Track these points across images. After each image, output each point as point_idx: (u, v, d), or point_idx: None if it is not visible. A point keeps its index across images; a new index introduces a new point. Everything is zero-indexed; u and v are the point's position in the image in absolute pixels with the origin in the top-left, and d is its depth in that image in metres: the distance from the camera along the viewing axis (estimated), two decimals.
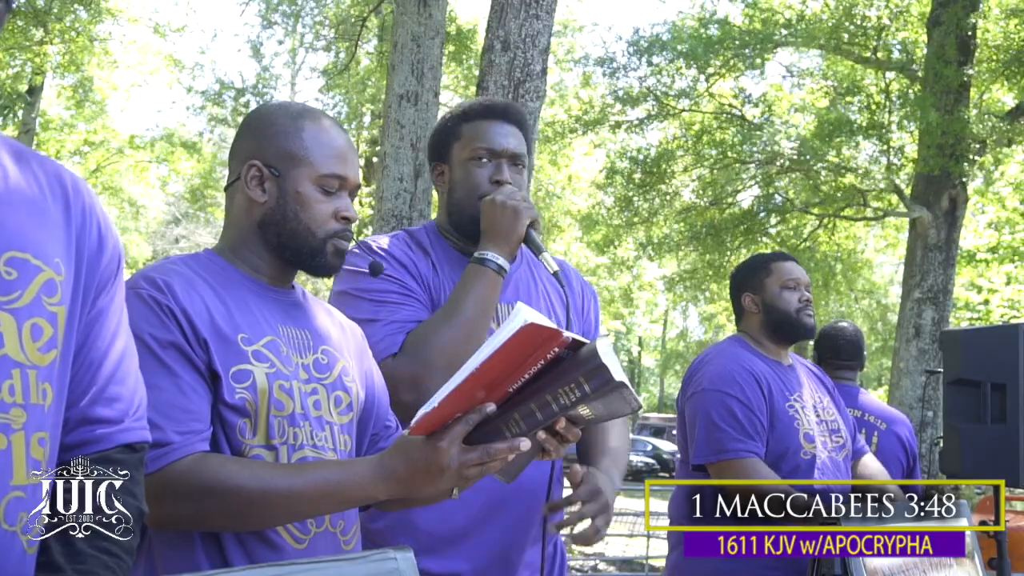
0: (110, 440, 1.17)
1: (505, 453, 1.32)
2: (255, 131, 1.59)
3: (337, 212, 1.55)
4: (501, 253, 1.86)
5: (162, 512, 1.36)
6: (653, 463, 23.29)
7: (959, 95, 11.17)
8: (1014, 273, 17.71)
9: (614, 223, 15.72)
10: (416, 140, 7.46)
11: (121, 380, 1.20)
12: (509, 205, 1.86)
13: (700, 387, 2.72)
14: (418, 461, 1.34)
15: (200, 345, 1.43)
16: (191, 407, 1.40)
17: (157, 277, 1.45)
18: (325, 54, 19.12)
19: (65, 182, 1.18)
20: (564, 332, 1.25)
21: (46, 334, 1.08)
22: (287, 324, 1.55)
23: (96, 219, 1.19)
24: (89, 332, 1.17)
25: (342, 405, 1.58)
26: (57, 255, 1.12)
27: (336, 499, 1.42)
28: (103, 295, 1.19)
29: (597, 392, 1.27)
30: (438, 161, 2.02)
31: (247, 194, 1.55)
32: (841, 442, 2.82)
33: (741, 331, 2.92)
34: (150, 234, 26.56)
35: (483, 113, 2.01)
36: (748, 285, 2.90)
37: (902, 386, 11.08)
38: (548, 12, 5.93)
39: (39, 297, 1.08)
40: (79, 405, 1.15)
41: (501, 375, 1.27)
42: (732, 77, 14.52)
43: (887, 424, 3.73)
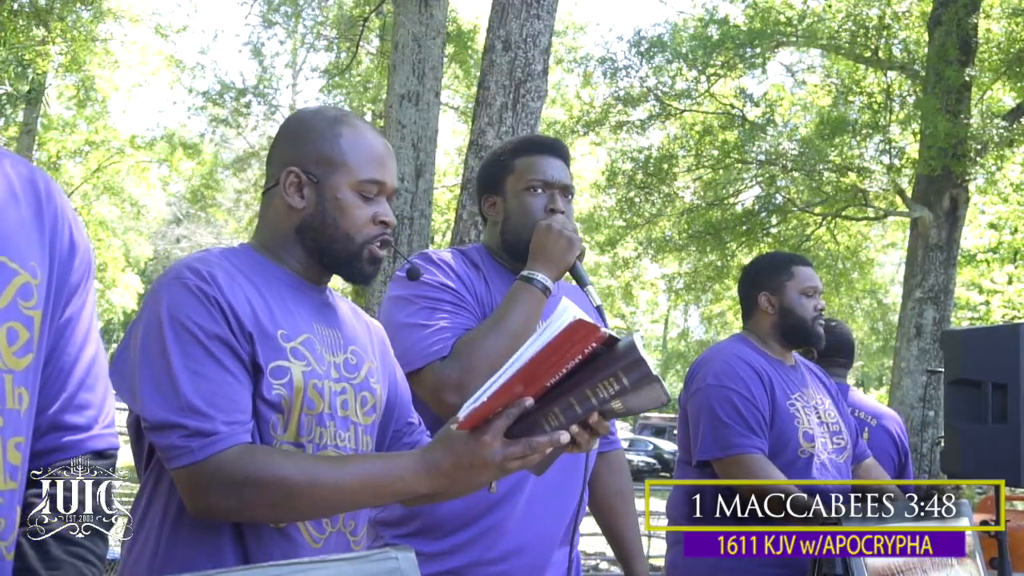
0: (79, 447, 1.17)
1: (546, 446, 1.34)
2: (292, 137, 1.59)
3: (376, 216, 1.56)
4: (548, 275, 1.95)
5: (207, 502, 1.37)
6: (654, 463, 23.29)
7: (960, 95, 11.17)
8: (1015, 273, 17.71)
9: (616, 224, 15.72)
10: (417, 140, 7.47)
11: (91, 387, 1.19)
12: (565, 235, 1.97)
13: (704, 383, 2.72)
14: (463, 455, 1.35)
15: (245, 338, 1.43)
16: (236, 397, 1.40)
17: (202, 268, 1.45)
18: (326, 54, 19.16)
19: (38, 185, 1.16)
20: (602, 328, 1.29)
21: (22, 338, 1.07)
22: (320, 322, 1.56)
23: (68, 223, 1.18)
24: (59, 338, 1.16)
25: (367, 406, 1.59)
26: (33, 258, 1.11)
27: (380, 492, 1.42)
28: (73, 300, 1.18)
29: (635, 385, 1.31)
30: (490, 193, 2.15)
31: (285, 200, 1.56)
32: (842, 444, 2.82)
33: (747, 329, 2.91)
34: (151, 234, 26.58)
35: (534, 148, 2.14)
36: (767, 284, 2.86)
37: (903, 386, 11.08)
38: (549, 12, 5.93)
39: (15, 301, 1.07)
40: (48, 412, 1.15)
41: (543, 369, 1.30)
42: (733, 77, 14.52)
43: (877, 420, 3.74)
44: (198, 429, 1.36)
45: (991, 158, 11.90)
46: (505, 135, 5.72)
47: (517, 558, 1.97)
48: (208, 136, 20.47)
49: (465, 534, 1.94)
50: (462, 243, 5.61)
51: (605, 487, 2.33)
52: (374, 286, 7.48)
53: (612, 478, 2.34)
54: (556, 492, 1.99)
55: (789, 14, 13.82)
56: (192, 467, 1.35)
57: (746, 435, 2.60)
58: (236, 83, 19.73)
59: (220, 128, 19.79)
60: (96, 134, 19.18)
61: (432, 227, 10.72)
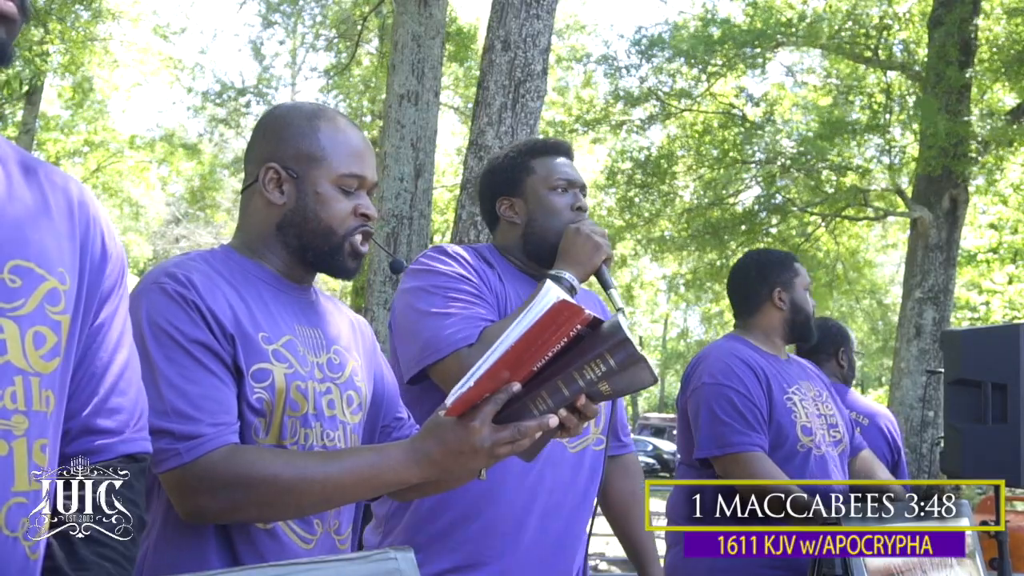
0: (111, 451, 1.17)
1: (535, 430, 1.34)
2: (271, 133, 1.59)
3: (357, 209, 1.56)
4: (576, 276, 1.98)
5: (196, 504, 1.37)
6: (653, 463, 23.27)
7: (960, 95, 11.17)
8: (1015, 273, 17.71)
9: (616, 223, 15.73)
10: (416, 140, 7.47)
11: (123, 391, 1.20)
12: (594, 238, 2.01)
13: (700, 382, 2.72)
14: (451, 442, 1.35)
15: (227, 340, 1.43)
16: (221, 399, 1.40)
17: (180, 273, 1.45)
18: (326, 54, 19.16)
19: (71, 193, 1.18)
20: (586, 310, 1.28)
21: (49, 342, 1.09)
22: (302, 323, 1.56)
23: (100, 230, 1.20)
24: (91, 343, 1.17)
25: (353, 404, 1.59)
26: (61, 265, 1.12)
27: (371, 484, 1.42)
28: (106, 306, 1.19)
29: (621, 366, 1.30)
30: (507, 195, 2.15)
31: (265, 196, 1.55)
32: (839, 437, 2.82)
33: (743, 325, 2.90)
34: (150, 234, 26.57)
35: (550, 149, 2.17)
36: (779, 280, 2.86)
37: (903, 386, 11.08)
38: (549, 12, 5.93)
39: (42, 305, 1.08)
40: (80, 416, 1.16)
41: (529, 353, 1.30)
42: (734, 76, 14.52)
43: (869, 419, 3.73)
44: (184, 432, 1.35)
45: (991, 158, 11.90)
46: (504, 135, 5.71)
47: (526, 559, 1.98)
48: (207, 136, 20.46)
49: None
50: (461, 243, 5.60)
51: (619, 490, 2.34)
52: (374, 285, 7.48)
53: (626, 481, 2.35)
54: (569, 494, 2.02)
55: (789, 14, 13.82)
56: (180, 470, 1.35)
57: (744, 432, 2.60)
58: (235, 83, 19.74)
59: (219, 128, 19.78)
60: (95, 134, 19.18)
61: (431, 227, 10.72)
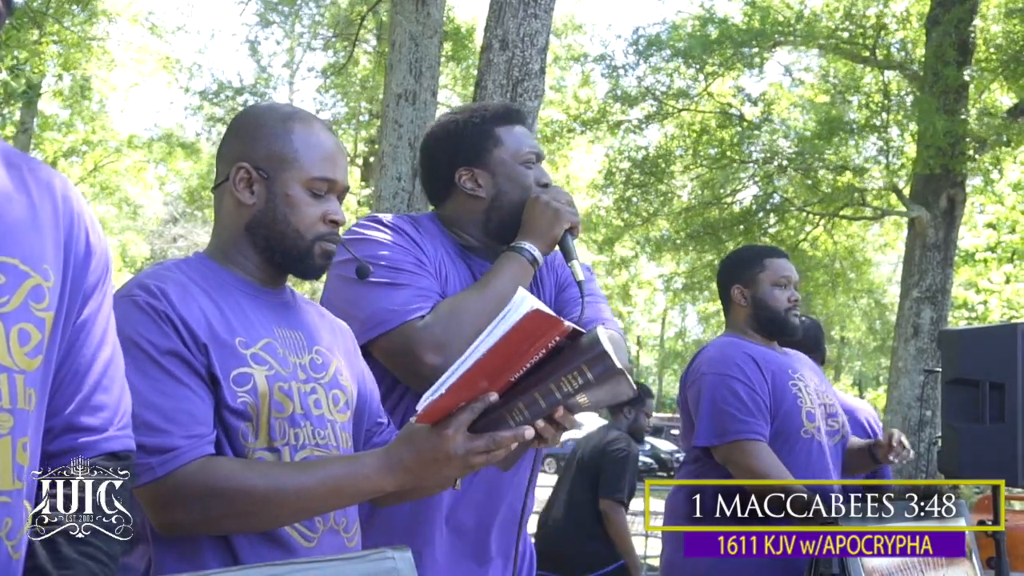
0: (94, 448, 1.16)
1: (510, 441, 1.33)
2: (243, 133, 1.58)
3: (326, 215, 1.54)
4: (537, 247, 1.90)
5: (172, 517, 1.36)
6: (652, 463, 23.26)
7: (958, 95, 11.18)
8: (1013, 273, 17.73)
9: (613, 223, 15.73)
10: (414, 139, 7.45)
11: (106, 388, 1.19)
12: (552, 206, 1.91)
13: (700, 373, 2.72)
14: (425, 450, 1.34)
15: (200, 350, 1.42)
16: (195, 411, 1.39)
17: (151, 284, 1.44)
18: (323, 54, 19.16)
19: (55, 188, 1.17)
20: (565, 322, 1.27)
21: (33, 339, 1.08)
22: (281, 325, 1.55)
23: (84, 226, 1.19)
24: (75, 340, 1.16)
25: (340, 403, 1.58)
26: (45, 261, 1.11)
27: (346, 493, 1.42)
28: (90, 303, 1.18)
29: (599, 379, 1.29)
30: (469, 165, 1.98)
31: (235, 196, 1.54)
32: (836, 426, 2.82)
33: (730, 327, 2.90)
34: (148, 234, 26.55)
35: (512, 117, 2.03)
36: (739, 277, 2.86)
37: (900, 385, 11.09)
38: (546, 11, 5.93)
39: (26, 302, 1.07)
40: (64, 413, 1.15)
41: (505, 363, 1.28)
42: (731, 76, 14.52)
43: (849, 414, 3.74)
44: (157, 446, 1.34)
45: (988, 158, 11.91)
46: None
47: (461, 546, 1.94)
48: (205, 136, 20.45)
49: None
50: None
51: None
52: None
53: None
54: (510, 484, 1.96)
55: (787, 13, 13.82)
56: (153, 484, 1.34)
57: (744, 420, 2.59)
58: (233, 83, 19.74)
59: (217, 128, 19.76)
60: (93, 134, 19.17)
61: None
